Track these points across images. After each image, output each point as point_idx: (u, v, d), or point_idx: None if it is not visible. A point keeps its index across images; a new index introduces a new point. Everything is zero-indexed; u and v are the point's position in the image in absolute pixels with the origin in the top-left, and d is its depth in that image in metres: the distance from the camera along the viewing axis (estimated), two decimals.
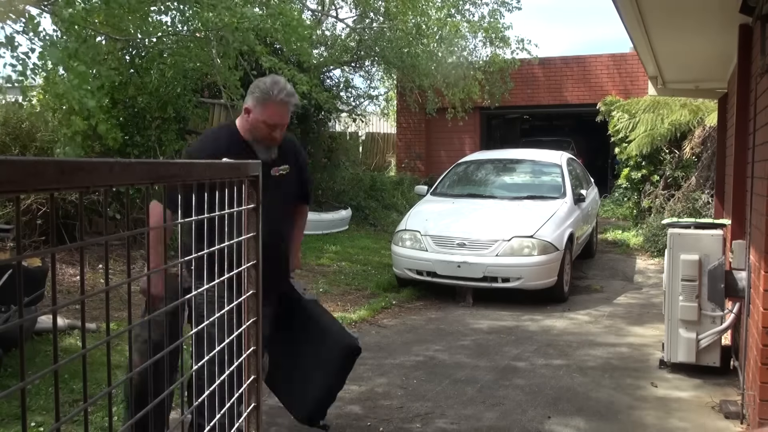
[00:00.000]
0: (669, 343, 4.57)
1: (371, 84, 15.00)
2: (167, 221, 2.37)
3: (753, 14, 3.64)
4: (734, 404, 3.94)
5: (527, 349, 5.32)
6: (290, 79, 8.13)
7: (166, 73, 7.66)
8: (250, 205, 1.54)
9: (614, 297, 7.25)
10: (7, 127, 6.97)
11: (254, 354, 1.57)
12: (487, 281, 6.74)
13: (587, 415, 3.95)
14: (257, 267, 1.56)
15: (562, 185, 8.04)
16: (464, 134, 16.10)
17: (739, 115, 4.38)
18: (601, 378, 4.62)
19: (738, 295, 4.19)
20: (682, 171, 10.35)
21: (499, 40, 13.52)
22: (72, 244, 5.84)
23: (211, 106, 9.38)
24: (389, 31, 12.07)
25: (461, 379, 4.57)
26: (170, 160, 1.39)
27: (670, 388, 4.38)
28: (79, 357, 1.01)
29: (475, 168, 9.01)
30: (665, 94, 8.67)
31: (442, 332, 5.83)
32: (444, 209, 7.77)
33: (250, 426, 1.57)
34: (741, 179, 4.35)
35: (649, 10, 4.11)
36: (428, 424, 3.83)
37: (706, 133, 9.99)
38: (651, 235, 9.67)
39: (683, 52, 5.69)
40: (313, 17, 12.65)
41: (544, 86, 15.90)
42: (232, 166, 1.48)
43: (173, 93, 8.00)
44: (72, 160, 0.88)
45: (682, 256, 4.40)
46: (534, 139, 17.21)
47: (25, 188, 0.80)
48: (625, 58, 14.86)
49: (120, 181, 0.97)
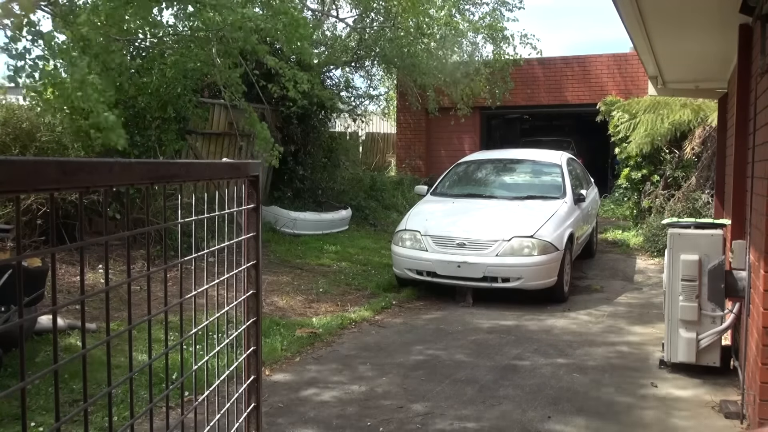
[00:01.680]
0: (669, 343, 4.57)
1: (371, 84, 15.02)
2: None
3: (753, 14, 3.64)
4: (734, 404, 3.94)
5: (527, 349, 5.32)
6: (291, 78, 8.14)
7: (167, 73, 7.67)
8: (250, 205, 1.54)
9: (614, 297, 7.25)
10: (7, 127, 6.97)
11: (254, 354, 1.57)
12: (487, 281, 6.74)
13: (587, 415, 3.95)
14: (257, 267, 1.56)
15: (562, 185, 8.04)
16: (464, 134, 16.10)
17: (739, 115, 4.37)
18: (602, 378, 4.62)
19: (738, 295, 4.19)
20: (682, 171, 10.35)
21: (501, 38, 13.53)
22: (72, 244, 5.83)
23: (211, 106, 9.38)
24: (389, 31, 12.07)
25: (461, 379, 4.57)
26: (170, 160, 1.39)
27: (670, 388, 4.38)
28: (79, 357, 1.01)
29: (475, 168, 9.01)
30: (665, 94, 8.67)
31: (442, 332, 5.83)
32: (444, 209, 7.77)
33: (250, 426, 1.57)
34: (741, 179, 4.35)
35: (649, 10, 4.11)
36: (428, 424, 3.83)
37: (707, 133, 9.99)
38: (651, 235, 9.67)
39: (683, 52, 5.69)
40: (314, 17, 12.65)
41: (544, 86, 15.90)
42: (232, 165, 1.48)
43: (173, 93, 8.00)
44: (72, 160, 0.88)
45: (682, 256, 4.40)
46: (534, 139, 17.20)
47: (25, 188, 0.80)
48: (626, 58, 14.86)
49: (120, 181, 0.97)
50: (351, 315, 6.23)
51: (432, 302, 6.96)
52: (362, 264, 8.63)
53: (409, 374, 4.68)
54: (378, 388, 4.40)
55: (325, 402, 4.17)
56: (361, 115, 14.22)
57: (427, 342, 5.51)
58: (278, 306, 6.49)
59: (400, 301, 6.94)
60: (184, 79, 7.95)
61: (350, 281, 7.70)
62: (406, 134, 16.95)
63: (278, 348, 5.08)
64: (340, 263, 8.58)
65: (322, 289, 7.19)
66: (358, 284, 7.58)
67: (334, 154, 12.56)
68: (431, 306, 6.84)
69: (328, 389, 4.39)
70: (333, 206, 11.21)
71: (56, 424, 0.99)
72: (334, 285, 7.47)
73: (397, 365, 4.88)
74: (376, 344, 5.44)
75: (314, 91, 9.29)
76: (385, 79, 16.00)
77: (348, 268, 8.38)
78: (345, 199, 11.95)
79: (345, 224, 11.03)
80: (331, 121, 13.02)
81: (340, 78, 13.37)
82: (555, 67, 15.82)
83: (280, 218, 9.86)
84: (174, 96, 8.03)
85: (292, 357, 5.05)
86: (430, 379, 4.57)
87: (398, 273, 7.32)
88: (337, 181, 12.27)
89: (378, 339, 5.61)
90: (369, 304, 6.71)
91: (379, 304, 6.68)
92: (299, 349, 5.20)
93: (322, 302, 6.76)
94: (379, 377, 4.63)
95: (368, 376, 4.65)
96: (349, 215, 11.20)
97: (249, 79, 8.46)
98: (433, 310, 6.67)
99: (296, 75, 8.08)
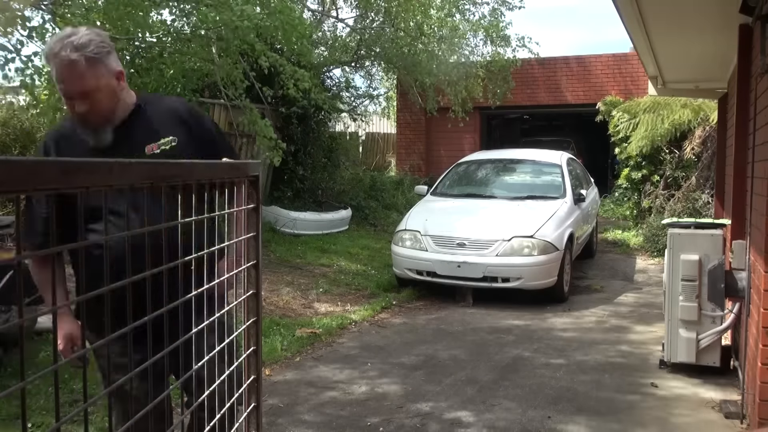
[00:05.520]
0: (669, 343, 4.57)
1: (371, 84, 15.02)
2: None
3: (753, 14, 3.64)
4: (734, 404, 3.94)
5: (527, 348, 5.32)
6: (292, 76, 8.11)
7: (166, 73, 7.66)
8: (250, 205, 1.54)
9: (614, 297, 7.25)
10: (7, 127, 6.97)
11: (254, 354, 1.58)
12: (487, 281, 6.74)
13: (587, 415, 3.95)
14: (257, 267, 1.56)
15: (562, 185, 8.04)
16: (464, 134, 16.09)
17: (739, 115, 4.38)
18: (601, 378, 4.62)
19: (738, 295, 4.19)
20: (682, 171, 10.35)
21: (500, 39, 13.52)
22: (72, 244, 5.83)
23: (211, 106, 9.38)
24: (390, 31, 12.06)
25: (461, 379, 4.57)
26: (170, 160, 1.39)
27: (670, 388, 4.38)
28: (78, 357, 1.01)
29: (475, 168, 9.02)
30: (665, 94, 8.67)
31: (443, 332, 5.83)
32: (444, 209, 7.77)
33: (250, 426, 1.57)
34: (741, 179, 4.35)
35: (649, 10, 4.12)
36: (428, 424, 3.83)
37: (707, 133, 9.99)
38: (651, 235, 9.67)
39: (683, 53, 5.69)
40: (314, 17, 12.65)
41: (544, 86, 15.90)
42: (232, 165, 1.48)
43: (173, 93, 8.00)
44: (72, 160, 0.88)
45: (682, 256, 4.40)
46: (534, 139, 17.19)
47: (25, 188, 0.80)
48: (626, 58, 14.85)
49: (120, 181, 0.97)
50: (351, 315, 6.23)
51: (432, 302, 6.96)
52: (362, 264, 8.63)
53: (409, 374, 4.68)
54: (378, 388, 4.40)
55: (325, 402, 4.17)
56: (361, 116, 14.21)
57: (428, 342, 5.51)
58: (278, 306, 6.49)
59: (400, 301, 6.93)
60: (184, 79, 7.93)
61: (350, 281, 7.70)
62: (406, 134, 16.95)
63: (278, 348, 5.08)
64: (340, 263, 8.58)
65: (322, 289, 7.19)
66: (358, 284, 7.58)
67: (334, 154, 12.55)
68: (431, 306, 6.84)
69: (328, 389, 4.39)
70: (333, 206, 11.21)
71: (56, 424, 0.99)
72: (334, 285, 7.47)
73: (397, 365, 4.89)
74: (377, 344, 5.44)
75: (312, 94, 9.28)
76: (386, 78, 16.00)
77: (348, 268, 8.38)
78: (345, 199, 11.94)
79: (345, 224, 11.03)
80: (331, 122, 13.02)
81: (340, 78, 13.38)
82: (555, 67, 15.82)
83: (280, 218, 9.86)
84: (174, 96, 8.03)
85: (292, 357, 5.05)
86: (430, 379, 4.57)
87: (398, 273, 7.32)
88: (337, 181, 12.27)
89: (378, 339, 5.61)
90: (369, 304, 6.71)
91: (379, 304, 6.68)
92: (299, 349, 5.20)
93: (322, 302, 6.76)
94: (379, 377, 4.63)
95: (368, 376, 4.65)
96: (349, 215, 11.20)
97: (249, 79, 8.45)
98: (433, 310, 6.67)
99: (297, 72, 8.06)
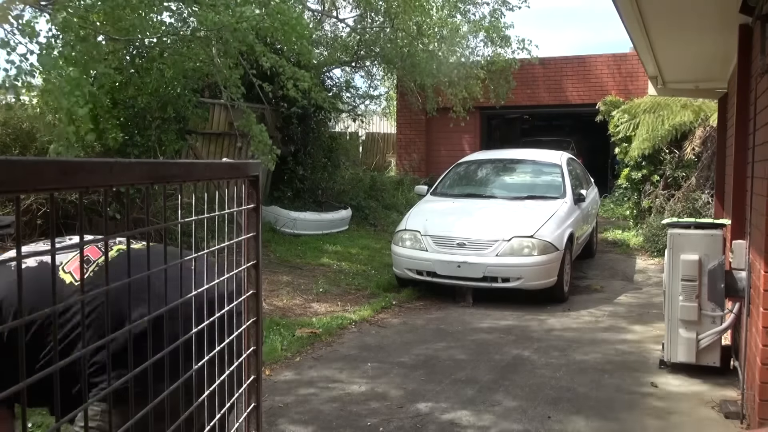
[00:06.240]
0: (669, 343, 4.57)
1: (371, 84, 15.02)
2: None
3: (753, 14, 3.64)
4: (734, 404, 3.94)
5: (527, 348, 5.32)
6: (291, 77, 8.13)
7: (166, 73, 7.65)
8: (250, 205, 1.54)
9: (614, 297, 7.25)
10: (7, 128, 6.97)
11: (254, 354, 1.58)
12: (487, 281, 6.74)
13: (587, 415, 3.95)
14: (257, 267, 1.56)
15: (562, 185, 8.04)
16: (464, 134, 16.09)
17: (739, 115, 4.38)
18: (601, 378, 4.62)
19: (738, 295, 4.19)
20: (682, 171, 10.34)
21: (501, 39, 13.52)
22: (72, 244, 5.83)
23: (211, 106, 9.38)
24: (390, 30, 12.05)
25: (461, 379, 4.57)
26: (170, 160, 1.39)
27: (670, 388, 4.38)
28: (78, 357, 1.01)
29: (475, 168, 9.02)
30: (665, 94, 8.66)
31: (442, 332, 5.83)
32: (444, 209, 7.77)
33: (250, 426, 1.57)
34: (741, 179, 4.35)
35: (649, 10, 4.12)
36: (428, 424, 3.83)
37: (707, 134, 9.98)
38: (651, 235, 9.67)
39: (683, 52, 5.69)
40: (314, 17, 12.64)
41: (544, 86, 15.89)
42: (232, 165, 1.48)
43: (173, 93, 8.00)
44: (72, 160, 0.88)
45: (682, 256, 4.40)
46: (534, 139, 17.19)
47: (25, 188, 0.80)
48: (626, 58, 14.85)
49: (120, 181, 0.97)
50: (351, 315, 6.23)
51: (432, 302, 6.96)
52: (362, 264, 8.63)
53: (409, 374, 4.68)
54: (378, 388, 4.40)
55: (325, 402, 4.17)
56: (361, 116, 14.21)
57: (427, 342, 5.51)
58: (278, 306, 6.49)
59: (400, 301, 6.93)
60: (184, 79, 7.93)
61: (350, 281, 7.70)
62: (406, 134, 16.95)
63: (278, 348, 5.08)
64: (340, 263, 8.58)
65: (322, 289, 7.19)
66: (358, 284, 7.58)
67: (334, 154, 12.56)
68: (431, 306, 6.84)
69: (328, 389, 4.39)
70: (333, 206, 11.21)
71: (56, 424, 0.99)
72: (334, 285, 7.47)
73: (397, 365, 4.89)
74: (376, 344, 5.44)
75: (312, 93, 9.27)
76: (386, 78, 15.99)
77: (348, 268, 8.38)
78: (345, 199, 11.94)
79: (345, 224, 11.03)
80: (331, 122, 13.01)
81: (340, 78, 13.37)
82: (555, 67, 15.81)
83: (280, 218, 9.86)
84: (174, 96, 8.02)
85: (292, 357, 5.05)
86: (430, 379, 4.57)
87: (398, 273, 7.32)
88: (337, 181, 12.27)
89: (378, 339, 5.61)
90: (369, 304, 6.71)
91: (379, 304, 6.68)
92: (299, 349, 5.20)
93: (322, 302, 6.76)
94: (379, 377, 4.63)
95: (368, 376, 4.65)
96: (349, 215, 11.20)
97: (248, 79, 8.45)
98: (433, 310, 6.67)
99: (296, 73, 8.06)
